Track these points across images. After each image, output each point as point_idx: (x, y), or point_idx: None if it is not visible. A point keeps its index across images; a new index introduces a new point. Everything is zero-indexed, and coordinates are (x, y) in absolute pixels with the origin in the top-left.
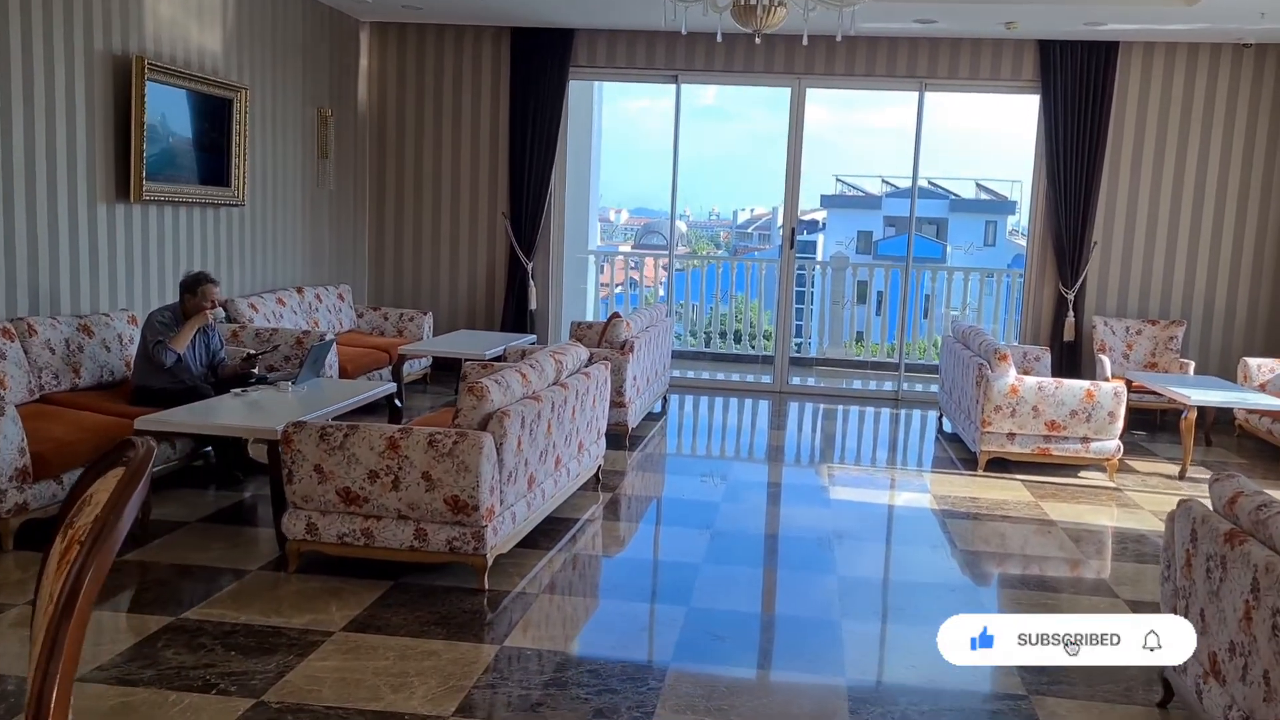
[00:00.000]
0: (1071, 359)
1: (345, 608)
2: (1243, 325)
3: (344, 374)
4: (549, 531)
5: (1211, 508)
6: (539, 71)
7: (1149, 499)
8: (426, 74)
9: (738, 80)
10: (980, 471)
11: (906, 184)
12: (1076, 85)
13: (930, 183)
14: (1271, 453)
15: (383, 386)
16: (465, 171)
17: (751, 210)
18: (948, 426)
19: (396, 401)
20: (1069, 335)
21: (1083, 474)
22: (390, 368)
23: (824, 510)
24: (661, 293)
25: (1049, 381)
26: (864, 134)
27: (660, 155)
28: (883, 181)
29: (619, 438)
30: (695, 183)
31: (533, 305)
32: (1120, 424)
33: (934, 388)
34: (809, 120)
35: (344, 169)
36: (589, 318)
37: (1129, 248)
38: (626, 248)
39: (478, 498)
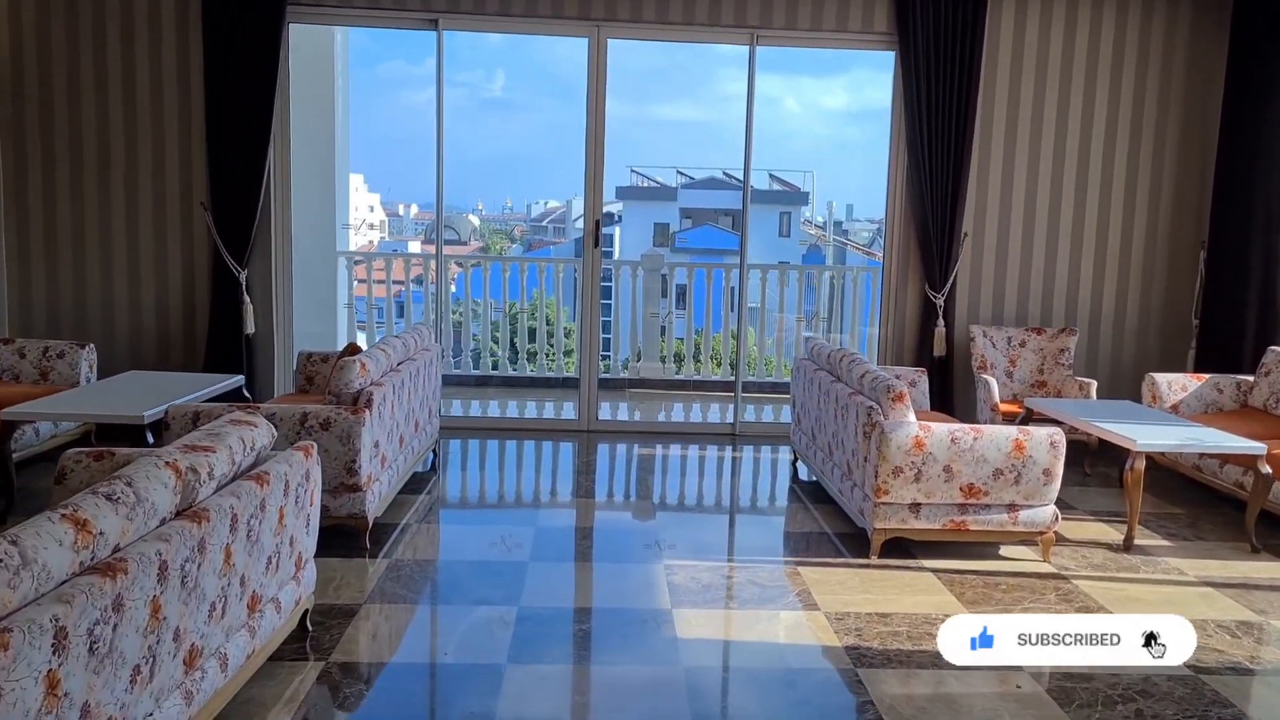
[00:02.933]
0: (944, 380)
1: None
2: (1133, 332)
3: None
4: None
5: None
6: (243, 8)
7: (1104, 591)
8: (83, 14)
9: (518, 26)
10: (875, 559)
11: (702, 174)
12: (940, 41)
13: (725, 173)
14: (1206, 498)
15: None
16: (145, 149)
17: (545, 203)
18: (804, 472)
19: None
20: (939, 349)
21: (1005, 551)
22: None
23: (666, 669)
24: (453, 290)
25: (964, 430)
26: (658, 126)
27: (455, 145)
28: (678, 173)
29: (354, 536)
30: (488, 176)
31: (249, 329)
32: (1058, 484)
33: (779, 416)
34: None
35: None
36: (342, 336)
37: (1004, 240)
38: (417, 245)
39: None
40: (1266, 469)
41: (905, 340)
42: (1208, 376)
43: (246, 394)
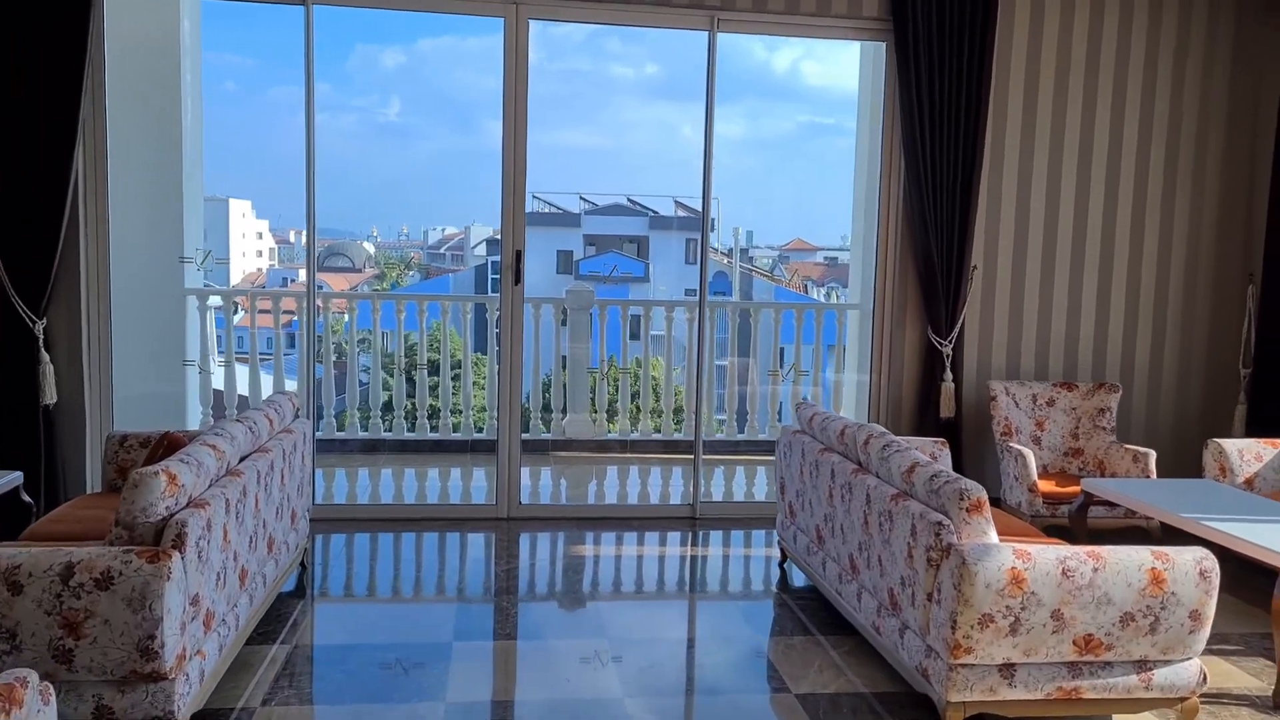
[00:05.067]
0: (953, 450)
1: None
2: (1172, 386)
3: None
4: None
5: None
6: None
7: None
8: None
9: (416, 2)
10: None
11: (606, 201)
12: (945, 31)
13: (629, 200)
14: None
15: None
16: None
17: (443, 230)
18: (800, 578)
19: None
20: (946, 409)
21: None
22: None
23: None
24: (342, 325)
25: (1078, 556)
26: (557, 153)
27: (349, 170)
28: (581, 199)
29: None
30: (383, 201)
31: (47, 399)
32: (1208, 630)
33: (751, 485)
34: (493, 136)
35: None
36: (193, 404)
37: (1019, 275)
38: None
39: None
40: None
41: (903, 398)
42: None
43: (26, 497)
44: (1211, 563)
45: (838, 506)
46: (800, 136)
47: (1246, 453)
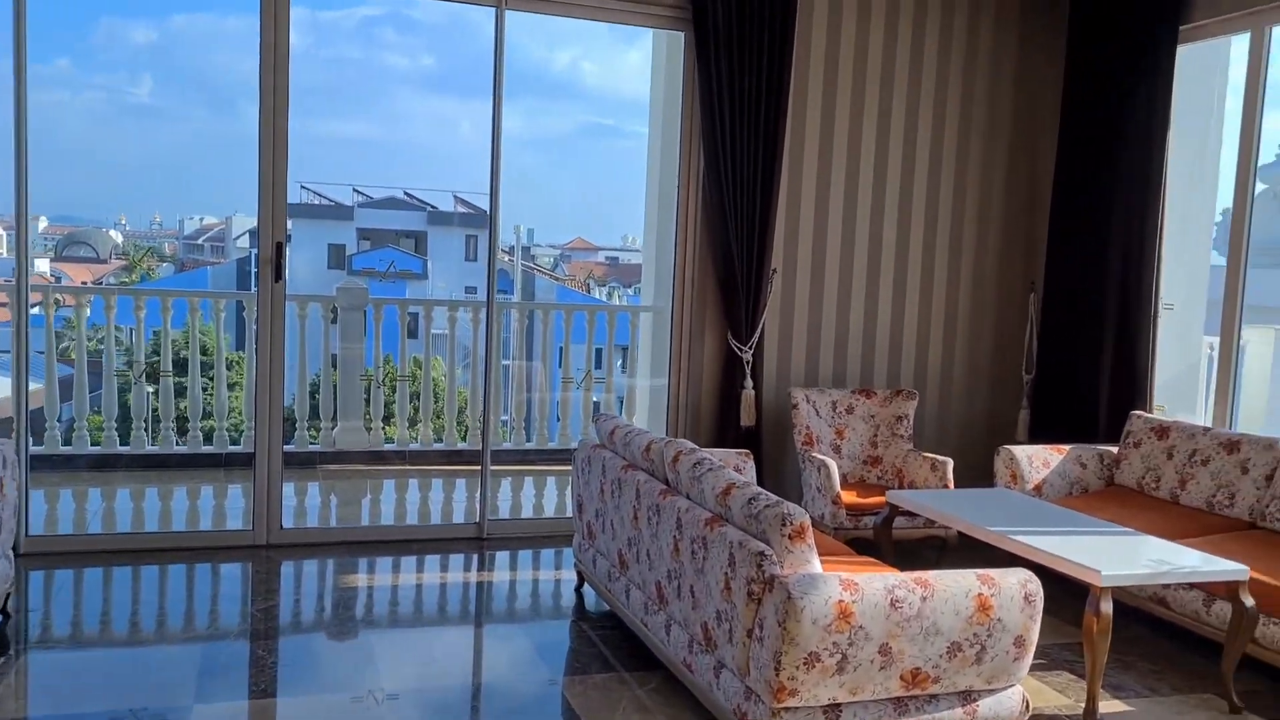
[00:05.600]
0: (755, 461)
1: None
2: (962, 392)
3: None
4: None
5: None
6: None
7: None
8: None
9: None
10: None
11: (382, 194)
12: (745, 22)
13: (406, 193)
14: (1148, 630)
15: None
16: None
17: (200, 220)
18: (592, 599)
19: None
20: (747, 418)
21: None
22: None
23: None
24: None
25: (906, 585)
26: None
27: (92, 153)
28: (355, 191)
29: None
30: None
31: None
32: (1031, 656)
33: (541, 499)
34: (255, 121)
35: None
36: None
37: (819, 279)
38: (45, 263)
39: None
40: (1250, 600)
41: (703, 406)
42: (1069, 449)
43: None
44: (1035, 585)
45: (644, 530)
46: (580, 136)
47: (1036, 459)
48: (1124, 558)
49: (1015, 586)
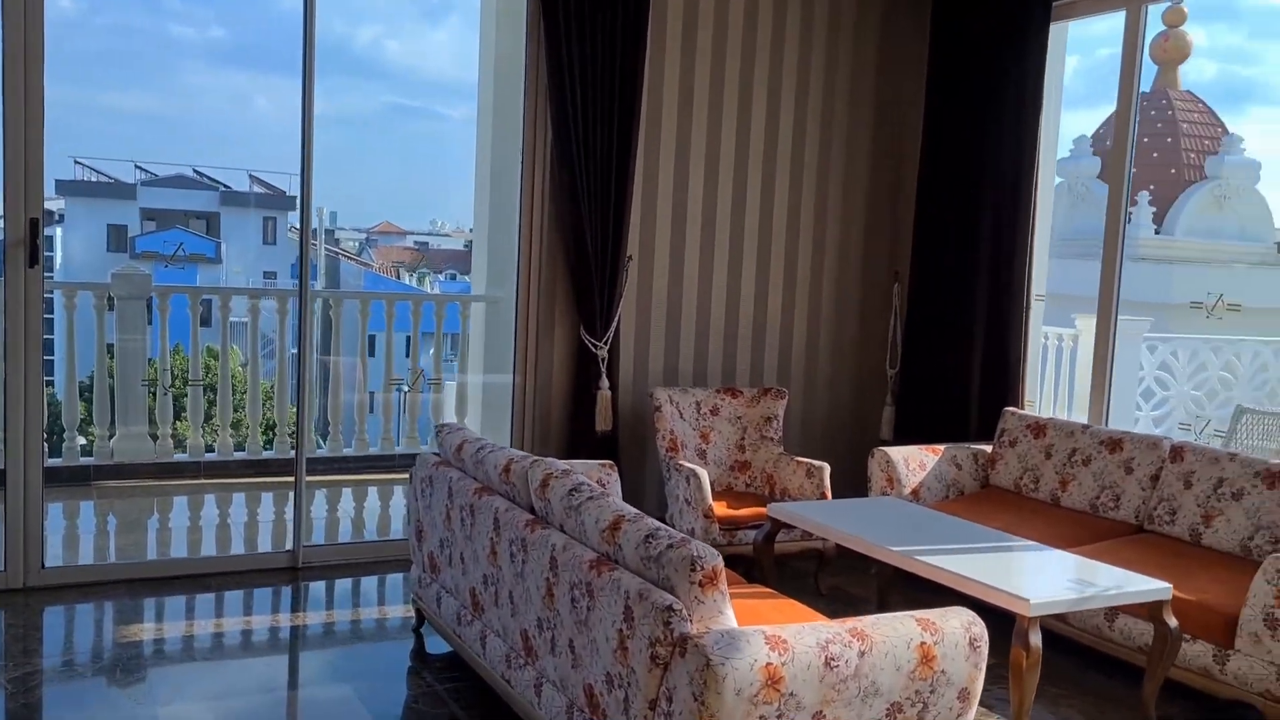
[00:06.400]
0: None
1: None
2: (827, 390)
3: None
4: None
5: None
6: None
7: None
8: None
9: None
10: None
11: (169, 171)
12: None
13: (195, 171)
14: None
15: None
16: None
17: None
18: (435, 642)
19: None
20: (603, 422)
21: None
22: None
23: None
24: None
25: (839, 635)
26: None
27: None
28: (137, 168)
29: None
30: None
31: None
32: (975, 709)
33: (362, 514)
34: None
35: None
36: None
37: (676, 268)
38: None
39: None
40: (1173, 621)
41: (553, 408)
42: (943, 449)
43: None
44: (980, 628)
45: (505, 568)
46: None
47: (911, 461)
48: (1045, 580)
49: (959, 631)
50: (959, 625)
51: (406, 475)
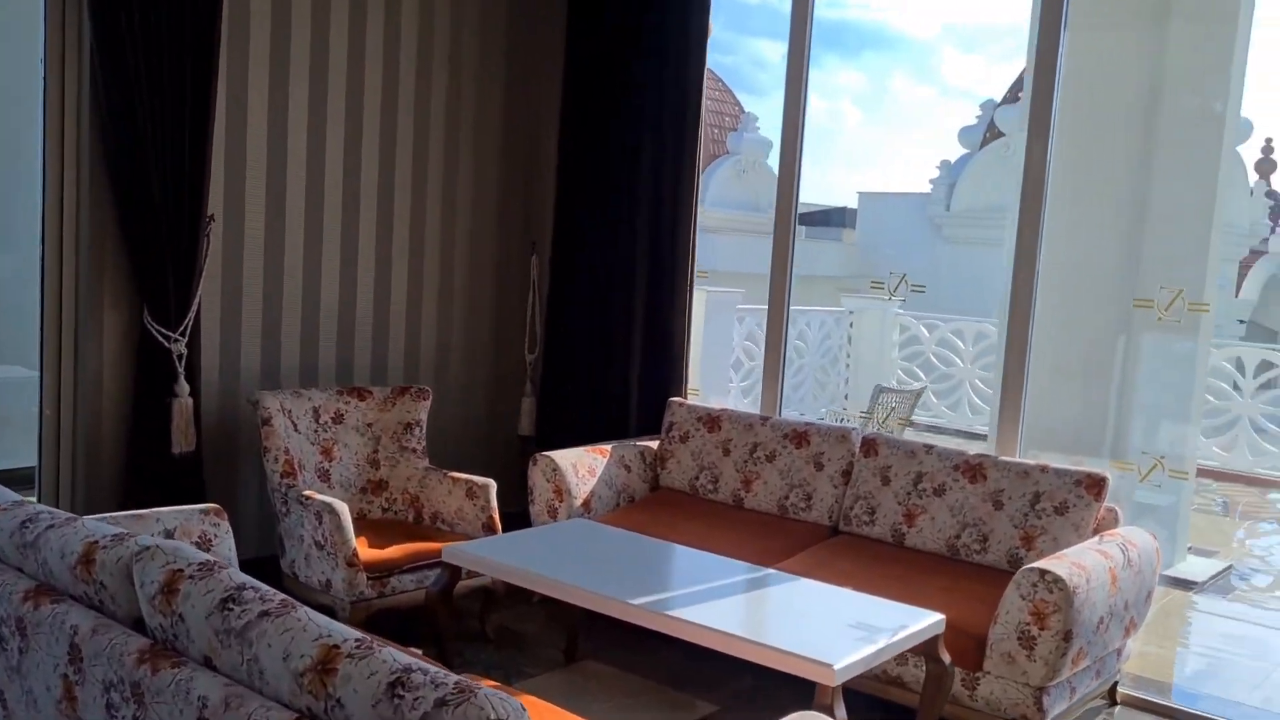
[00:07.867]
0: (199, 502)
1: None
2: (460, 383)
3: None
4: None
5: None
6: None
7: None
8: None
9: None
10: None
11: None
12: None
13: None
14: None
15: None
16: None
17: None
18: None
19: None
20: (184, 442)
21: None
22: None
23: None
24: None
25: None
26: None
27: None
28: None
29: None
30: None
31: None
32: None
33: None
34: None
35: None
36: None
37: (275, 236)
38: None
39: None
40: (947, 656)
41: (105, 425)
42: (610, 448)
43: None
44: None
45: None
46: None
47: (580, 467)
48: (830, 630)
49: None
50: None
51: None
